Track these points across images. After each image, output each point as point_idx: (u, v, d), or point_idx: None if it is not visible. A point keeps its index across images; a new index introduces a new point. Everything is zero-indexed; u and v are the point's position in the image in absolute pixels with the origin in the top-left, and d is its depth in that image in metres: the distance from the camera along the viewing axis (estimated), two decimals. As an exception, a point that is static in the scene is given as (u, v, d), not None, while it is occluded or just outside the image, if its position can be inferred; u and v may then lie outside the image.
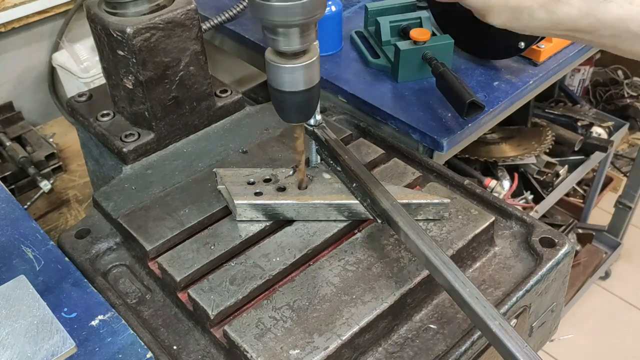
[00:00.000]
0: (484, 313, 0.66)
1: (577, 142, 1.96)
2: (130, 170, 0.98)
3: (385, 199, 0.80)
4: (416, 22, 1.23)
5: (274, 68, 0.71)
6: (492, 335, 0.64)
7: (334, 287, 0.76)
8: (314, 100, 0.76)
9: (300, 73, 0.71)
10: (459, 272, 0.70)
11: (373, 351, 0.76)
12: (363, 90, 1.18)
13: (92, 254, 0.88)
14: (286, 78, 0.71)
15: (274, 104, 0.76)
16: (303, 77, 0.71)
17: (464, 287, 0.68)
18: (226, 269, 0.79)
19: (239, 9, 1.37)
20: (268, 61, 0.71)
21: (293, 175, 0.88)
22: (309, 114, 0.79)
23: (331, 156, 0.89)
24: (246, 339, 0.70)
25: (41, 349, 0.64)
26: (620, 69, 2.64)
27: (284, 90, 0.72)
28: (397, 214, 0.78)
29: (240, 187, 0.87)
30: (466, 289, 0.68)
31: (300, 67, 0.70)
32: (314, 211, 0.85)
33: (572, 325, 2.18)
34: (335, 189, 0.86)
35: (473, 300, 0.67)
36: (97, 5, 0.93)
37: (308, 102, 0.75)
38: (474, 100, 1.03)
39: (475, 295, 0.67)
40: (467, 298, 0.67)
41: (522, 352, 0.62)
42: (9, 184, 1.26)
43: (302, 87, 0.72)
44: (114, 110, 1.04)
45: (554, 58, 1.26)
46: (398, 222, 0.77)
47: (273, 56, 0.71)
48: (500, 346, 0.64)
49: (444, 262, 0.71)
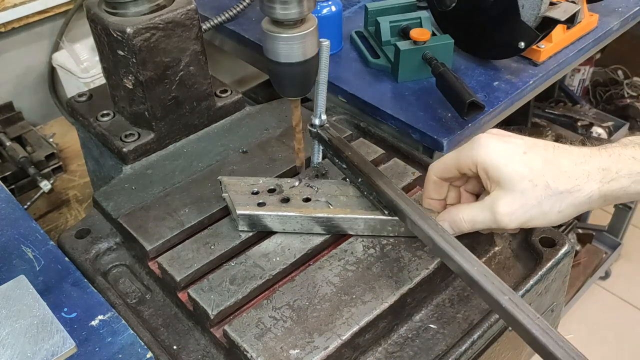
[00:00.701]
0: (493, 289, 0.65)
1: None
2: (130, 170, 0.98)
3: (390, 189, 0.79)
4: (416, 22, 1.23)
5: (270, 38, 0.70)
6: (503, 311, 0.64)
7: (334, 286, 0.76)
8: (312, 73, 0.75)
9: (297, 43, 0.70)
10: (467, 251, 0.69)
11: (373, 351, 0.76)
12: (363, 90, 1.18)
13: (92, 254, 0.88)
14: (282, 48, 0.70)
15: (271, 77, 0.74)
16: (300, 48, 0.70)
17: (471, 266, 0.68)
18: (226, 269, 0.79)
19: (239, 9, 1.37)
20: (264, 31, 0.70)
21: (298, 187, 0.87)
22: (306, 88, 0.77)
23: (336, 154, 0.89)
24: (246, 338, 0.70)
25: (41, 349, 0.65)
26: (620, 69, 2.64)
27: (280, 61, 0.71)
28: (403, 203, 0.77)
29: (243, 196, 0.85)
30: (474, 268, 0.68)
31: (296, 36, 0.69)
32: (316, 225, 0.83)
33: (572, 325, 2.18)
34: (340, 202, 0.85)
35: (482, 278, 0.67)
36: (97, 5, 0.93)
37: (305, 75, 0.74)
38: (474, 100, 1.03)
39: (483, 273, 0.67)
40: (476, 276, 0.67)
41: (535, 324, 0.62)
42: (9, 184, 1.26)
43: (299, 58, 0.71)
44: (114, 110, 1.04)
45: (554, 58, 1.26)
46: (404, 210, 0.76)
47: (270, 25, 0.70)
48: (512, 321, 0.63)
49: (450, 244, 0.70)
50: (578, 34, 1.32)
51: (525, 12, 1.13)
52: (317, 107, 0.86)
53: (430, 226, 0.73)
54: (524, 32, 1.13)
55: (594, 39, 1.33)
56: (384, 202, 0.81)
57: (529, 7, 1.12)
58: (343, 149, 0.87)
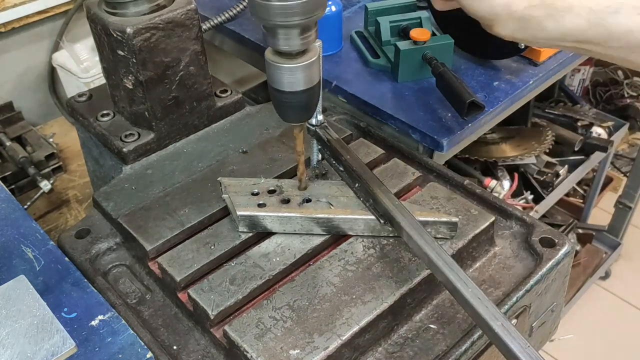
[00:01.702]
0: (486, 313, 0.66)
1: (577, 142, 1.96)
2: (130, 170, 0.98)
3: (388, 199, 0.79)
4: (416, 22, 1.23)
5: (273, 68, 0.71)
6: (494, 335, 0.65)
7: (334, 287, 0.76)
8: (314, 100, 0.76)
9: (300, 73, 0.71)
10: (462, 272, 0.70)
11: (373, 351, 0.76)
12: (363, 90, 1.18)
13: (92, 254, 0.88)
14: (286, 78, 0.71)
15: (274, 104, 0.76)
16: (303, 77, 0.71)
17: (466, 287, 0.68)
18: (226, 269, 0.79)
19: (239, 9, 1.37)
20: (268, 61, 0.71)
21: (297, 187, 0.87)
22: (308, 114, 0.78)
23: (333, 156, 0.89)
24: (246, 339, 0.70)
25: (41, 349, 0.64)
26: (620, 69, 2.64)
27: (283, 90, 0.72)
28: (399, 214, 0.77)
29: (243, 197, 0.85)
30: (468, 289, 0.68)
31: (300, 67, 0.70)
32: (316, 226, 0.83)
33: (572, 325, 2.17)
34: (341, 202, 0.85)
35: (475, 301, 0.67)
36: (97, 5, 0.93)
37: (308, 102, 0.75)
38: (474, 100, 1.03)
39: (477, 295, 0.67)
40: (470, 298, 0.67)
41: (525, 353, 0.62)
42: (9, 184, 1.26)
43: (302, 87, 0.72)
44: (114, 110, 1.04)
45: (554, 58, 1.26)
46: (400, 222, 0.77)
47: (273, 56, 0.71)
48: (503, 346, 0.64)
49: (446, 263, 0.71)
50: (578, 34, 1.31)
51: (525, 12, 1.13)
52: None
53: (427, 242, 0.73)
54: (524, 32, 1.13)
55: (594, 39, 1.33)
56: (380, 212, 0.81)
57: (529, 7, 1.12)
58: (341, 152, 0.87)
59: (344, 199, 0.85)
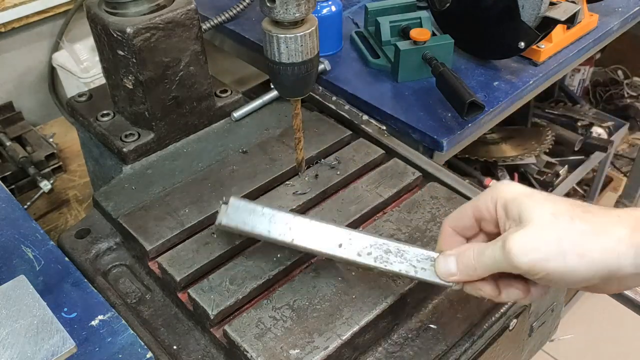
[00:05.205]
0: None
1: (577, 142, 1.96)
2: (130, 170, 0.98)
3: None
4: (416, 22, 1.23)
5: (270, 38, 0.69)
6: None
7: (334, 287, 0.76)
8: (312, 73, 0.74)
9: (298, 44, 0.69)
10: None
11: (373, 351, 0.76)
12: (363, 90, 1.18)
13: (92, 254, 0.88)
14: (283, 49, 0.70)
15: (271, 78, 0.74)
16: (300, 48, 0.70)
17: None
18: (226, 269, 0.79)
19: (239, 9, 1.37)
20: (265, 31, 0.70)
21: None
22: (306, 88, 0.76)
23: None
24: (246, 338, 0.70)
25: (41, 349, 0.64)
26: (620, 69, 2.64)
27: (280, 61, 0.71)
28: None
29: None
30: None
31: (297, 37, 0.69)
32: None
33: (572, 325, 2.17)
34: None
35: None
36: (97, 5, 0.93)
37: (305, 76, 0.73)
38: (474, 100, 1.03)
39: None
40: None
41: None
42: (9, 184, 1.26)
43: (300, 58, 0.71)
44: (114, 110, 1.04)
45: (554, 58, 1.26)
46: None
47: (270, 26, 0.69)
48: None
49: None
50: (578, 34, 1.32)
51: (525, 12, 1.13)
52: None
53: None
54: (524, 32, 1.13)
55: (594, 39, 1.33)
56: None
57: (529, 7, 1.12)
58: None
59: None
